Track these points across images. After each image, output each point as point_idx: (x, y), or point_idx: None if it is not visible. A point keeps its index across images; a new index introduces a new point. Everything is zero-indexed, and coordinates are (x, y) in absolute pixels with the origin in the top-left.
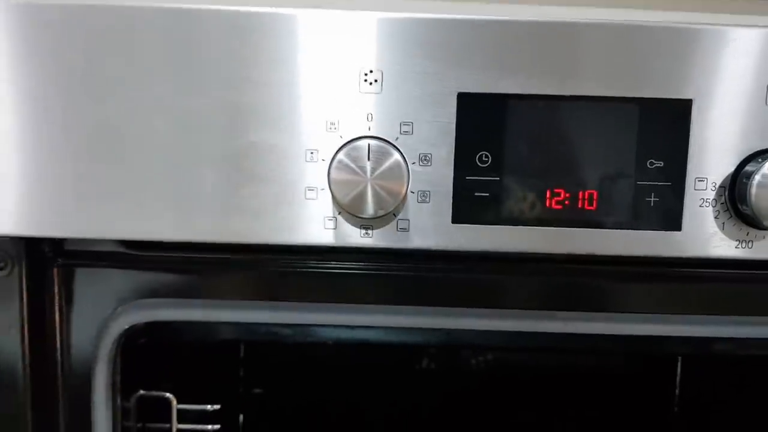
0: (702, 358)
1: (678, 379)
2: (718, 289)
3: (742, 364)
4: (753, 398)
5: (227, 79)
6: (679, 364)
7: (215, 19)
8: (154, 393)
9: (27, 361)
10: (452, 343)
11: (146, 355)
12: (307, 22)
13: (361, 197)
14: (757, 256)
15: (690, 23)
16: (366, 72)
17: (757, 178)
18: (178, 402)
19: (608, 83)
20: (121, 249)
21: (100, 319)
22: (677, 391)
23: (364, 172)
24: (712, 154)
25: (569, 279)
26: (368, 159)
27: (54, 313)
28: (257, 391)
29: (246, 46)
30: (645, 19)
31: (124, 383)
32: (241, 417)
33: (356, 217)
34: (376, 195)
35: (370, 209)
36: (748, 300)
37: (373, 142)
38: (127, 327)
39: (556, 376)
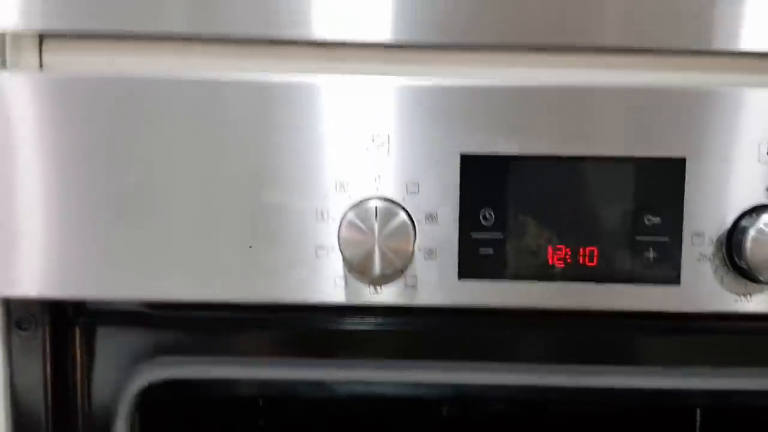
0: (719, 410)
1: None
2: (728, 340)
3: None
4: None
5: (246, 145)
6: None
7: (238, 89)
8: None
9: (49, 418)
10: (466, 397)
11: (165, 412)
12: (322, 89)
13: (369, 257)
14: (756, 310)
15: (682, 86)
16: (374, 135)
17: (752, 233)
18: None
19: (605, 143)
20: (141, 308)
21: (119, 377)
22: None
23: (372, 232)
24: (708, 210)
25: (577, 332)
26: (376, 219)
27: (75, 371)
28: None
29: (265, 113)
30: (639, 83)
31: None
32: None
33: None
34: (383, 255)
35: (377, 269)
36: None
37: (380, 203)
38: (146, 385)
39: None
